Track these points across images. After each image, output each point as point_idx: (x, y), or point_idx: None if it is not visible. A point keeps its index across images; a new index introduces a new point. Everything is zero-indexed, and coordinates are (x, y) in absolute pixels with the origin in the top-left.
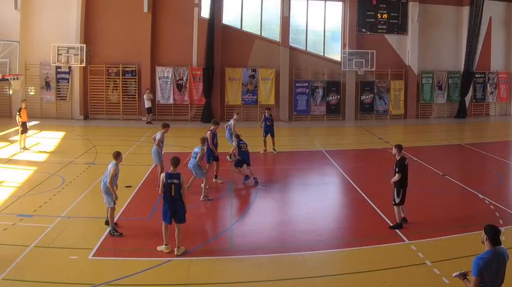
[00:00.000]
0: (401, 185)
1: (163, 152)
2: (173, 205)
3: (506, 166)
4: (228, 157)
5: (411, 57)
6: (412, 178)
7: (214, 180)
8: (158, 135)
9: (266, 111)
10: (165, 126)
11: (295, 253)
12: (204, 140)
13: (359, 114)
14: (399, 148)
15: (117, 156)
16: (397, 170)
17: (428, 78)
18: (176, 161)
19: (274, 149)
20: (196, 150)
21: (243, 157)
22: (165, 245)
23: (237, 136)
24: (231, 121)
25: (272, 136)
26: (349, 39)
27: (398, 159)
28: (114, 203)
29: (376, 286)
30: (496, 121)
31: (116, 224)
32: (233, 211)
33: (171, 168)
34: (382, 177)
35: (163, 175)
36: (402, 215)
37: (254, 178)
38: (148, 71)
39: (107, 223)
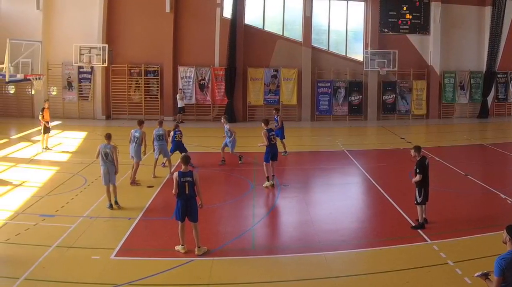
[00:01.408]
0: (423, 185)
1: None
2: (187, 203)
3: None
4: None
5: (433, 57)
6: (434, 178)
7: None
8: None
9: (274, 112)
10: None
11: (317, 253)
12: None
13: (381, 114)
14: (418, 149)
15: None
16: (418, 171)
17: (450, 78)
18: (186, 159)
19: (285, 151)
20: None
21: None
22: (182, 245)
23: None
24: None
25: (281, 138)
26: (371, 39)
27: (418, 159)
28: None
29: (398, 286)
30: None
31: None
32: (255, 211)
33: (183, 167)
34: (404, 177)
35: (175, 173)
36: (424, 215)
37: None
38: (170, 71)
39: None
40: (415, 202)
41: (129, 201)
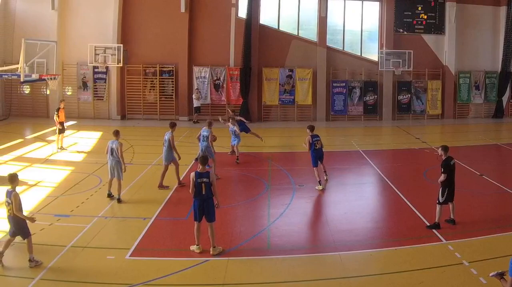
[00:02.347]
0: (447, 185)
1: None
2: (204, 203)
3: None
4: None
5: (448, 57)
6: None
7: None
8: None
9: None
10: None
11: (332, 253)
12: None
13: (396, 114)
14: (445, 148)
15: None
16: (442, 170)
17: (465, 78)
18: (204, 160)
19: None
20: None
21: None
22: (197, 245)
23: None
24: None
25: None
26: (386, 39)
27: (443, 159)
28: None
29: (413, 286)
30: None
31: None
32: (271, 211)
33: (200, 167)
34: (419, 177)
35: (192, 174)
36: (452, 216)
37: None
38: (185, 71)
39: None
40: (437, 201)
41: (144, 201)
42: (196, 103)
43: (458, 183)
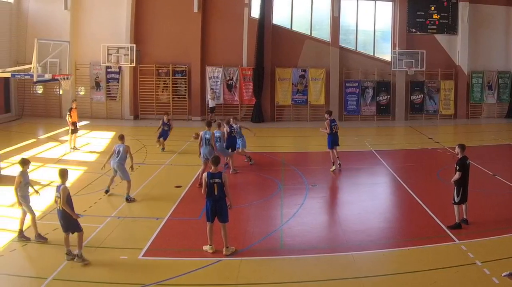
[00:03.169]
0: (461, 184)
1: None
2: (216, 204)
3: None
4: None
5: (461, 57)
6: None
7: None
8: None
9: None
10: None
11: (345, 253)
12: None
13: (409, 114)
14: (462, 147)
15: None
16: (457, 168)
17: (478, 78)
18: (216, 160)
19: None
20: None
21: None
22: (210, 245)
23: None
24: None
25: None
26: (399, 39)
27: (459, 157)
28: None
29: (426, 286)
30: None
31: None
32: (284, 211)
33: (212, 167)
34: (432, 177)
35: (204, 174)
36: (464, 216)
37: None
38: (198, 71)
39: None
40: (453, 202)
41: (157, 201)
42: (211, 103)
43: (471, 182)
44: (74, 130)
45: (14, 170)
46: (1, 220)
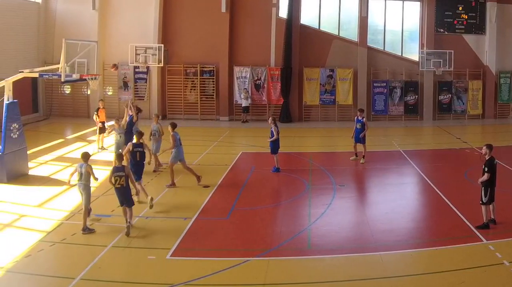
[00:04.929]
0: (489, 185)
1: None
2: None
3: None
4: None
5: (489, 57)
6: None
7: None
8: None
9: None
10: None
11: (373, 253)
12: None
13: (437, 114)
14: (490, 147)
15: None
16: (486, 169)
17: (506, 78)
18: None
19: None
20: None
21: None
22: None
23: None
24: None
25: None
26: (427, 39)
27: (487, 158)
28: None
29: (454, 286)
30: None
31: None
32: (311, 211)
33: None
34: (460, 177)
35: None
36: (492, 216)
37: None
38: (226, 71)
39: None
40: (480, 202)
41: (184, 201)
42: (244, 103)
43: (498, 182)
44: (102, 130)
45: (42, 170)
46: (28, 220)
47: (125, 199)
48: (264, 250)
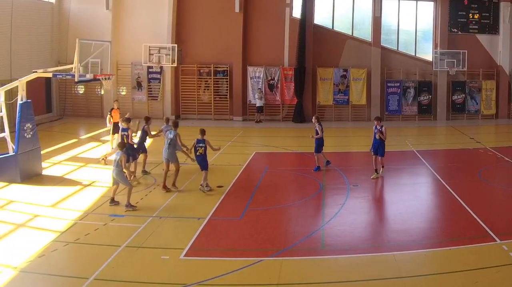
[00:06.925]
0: None
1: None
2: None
3: None
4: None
5: (502, 57)
6: (504, 178)
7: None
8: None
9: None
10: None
11: (387, 253)
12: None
13: (451, 114)
14: None
15: None
16: None
17: None
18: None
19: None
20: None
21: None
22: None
23: None
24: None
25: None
26: (441, 39)
27: None
28: None
29: (467, 286)
30: None
31: None
32: (325, 211)
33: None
34: (474, 177)
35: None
36: None
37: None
38: (239, 71)
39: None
40: None
41: (198, 201)
42: (258, 103)
43: (507, 182)
44: (115, 131)
45: (56, 170)
46: (42, 220)
47: (203, 165)
48: (277, 250)
